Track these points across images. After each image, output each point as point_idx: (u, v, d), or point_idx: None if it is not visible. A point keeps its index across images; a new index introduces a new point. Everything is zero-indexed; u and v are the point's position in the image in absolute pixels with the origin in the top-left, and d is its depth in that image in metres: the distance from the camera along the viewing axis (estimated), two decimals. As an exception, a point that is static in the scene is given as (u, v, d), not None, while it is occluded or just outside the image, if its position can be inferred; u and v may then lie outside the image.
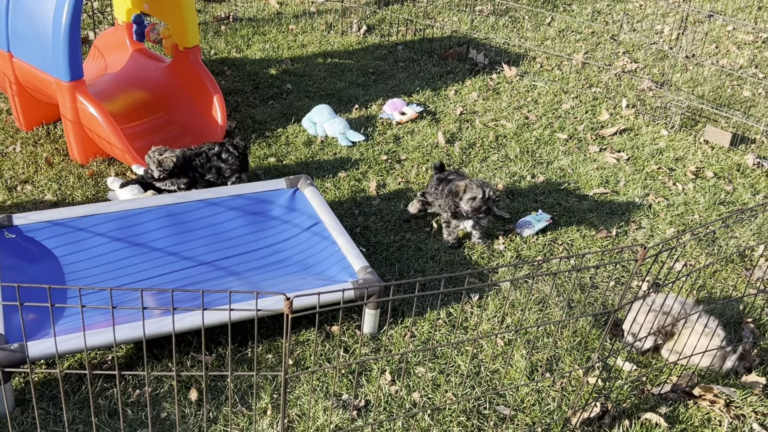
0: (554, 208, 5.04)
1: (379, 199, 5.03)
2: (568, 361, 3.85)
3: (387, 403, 3.54)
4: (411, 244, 4.62)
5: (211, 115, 5.48)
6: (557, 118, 6.19)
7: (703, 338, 3.66)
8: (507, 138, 5.85)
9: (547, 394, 3.64)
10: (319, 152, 5.52)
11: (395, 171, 5.35)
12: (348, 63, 6.95)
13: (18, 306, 3.45)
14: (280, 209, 4.50)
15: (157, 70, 5.78)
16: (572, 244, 4.72)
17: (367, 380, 3.65)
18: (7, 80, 5.26)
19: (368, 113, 6.09)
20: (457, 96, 6.46)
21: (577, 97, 6.55)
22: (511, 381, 3.71)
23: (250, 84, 6.44)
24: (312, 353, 3.75)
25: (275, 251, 4.22)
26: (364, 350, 3.81)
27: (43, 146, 5.30)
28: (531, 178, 5.35)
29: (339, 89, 6.46)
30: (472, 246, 4.64)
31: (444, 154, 5.56)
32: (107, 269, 4.00)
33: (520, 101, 6.43)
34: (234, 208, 4.45)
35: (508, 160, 5.56)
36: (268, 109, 6.07)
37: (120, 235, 4.17)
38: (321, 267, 4.06)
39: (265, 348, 3.79)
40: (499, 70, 6.92)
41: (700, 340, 3.65)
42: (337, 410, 3.45)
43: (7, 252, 3.91)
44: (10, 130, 5.46)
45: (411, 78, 6.72)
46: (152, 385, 3.52)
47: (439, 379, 3.68)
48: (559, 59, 7.23)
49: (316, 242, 4.24)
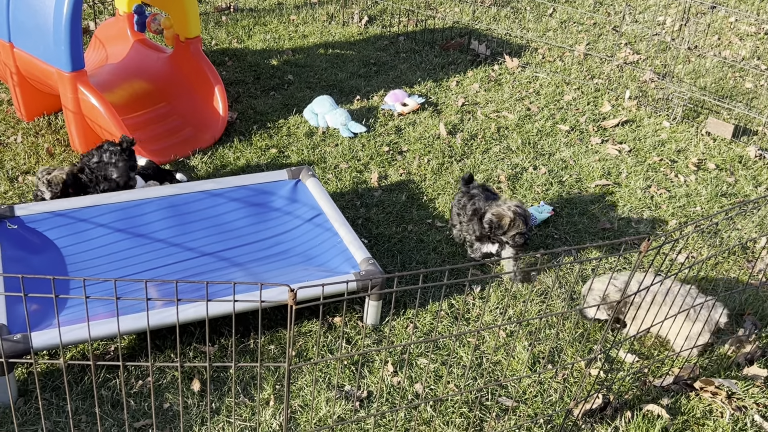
0: (556, 199, 5.03)
1: (380, 191, 5.03)
2: (570, 352, 3.85)
3: (389, 394, 3.54)
4: (413, 236, 4.61)
5: (213, 105, 5.47)
6: (559, 110, 6.18)
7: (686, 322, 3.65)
8: (509, 129, 5.84)
9: (549, 385, 3.65)
10: (321, 143, 5.51)
11: (397, 162, 5.34)
12: (349, 54, 6.93)
13: (20, 297, 3.46)
14: (282, 200, 4.49)
15: (158, 61, 5.77)
16: (574, 235, 4.71)
17: (370, 371, 3.65)
18: (8, 70, 5.25)
19: (370, 104, 6.08)
20: (459, 87, 6.44)
21: (579, 89, 6.53)
22: (513, 372, 3.71)
23: (252, 75, 6.43)
24: (314, 344, 3.75)
25: (277, 242, 4.22)
26: (367, 341, 3.81)
27: (44, 137, 5.28)
28: (533, 170, 5.35)
29: (340, 80, 6.44)
30: (474, 237, 4.63)
31: (446, 145, 5.55)
32: (109, 260, 4.00)
33: (521, 92, 6.42)
34: (236, 199, 4.45)
35: (510, 152, 5.55)
36: (270, 99, 6.06)
37: (122, 225, 4.17)
38: (323, 258, 4.06)
39: (268, 339, 3.80)
40: (501, 61, 6.90)
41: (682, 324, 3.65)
42: (340, 401, 3.46)
43: (8, 242, 3.90)
44: (11, 121, 5.45)
45: (412, 69, 6.71)
46: (155, 376, 3.52)
47: (442, 370, 3.68)
48: (561, 50, 7.21)
49: (319, 233, 4.24)
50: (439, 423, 3.39)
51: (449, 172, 5.25)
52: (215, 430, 3.29)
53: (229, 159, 5.22)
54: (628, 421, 3.42)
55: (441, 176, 5.20)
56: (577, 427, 3.41)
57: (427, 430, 3.36)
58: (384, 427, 3.36)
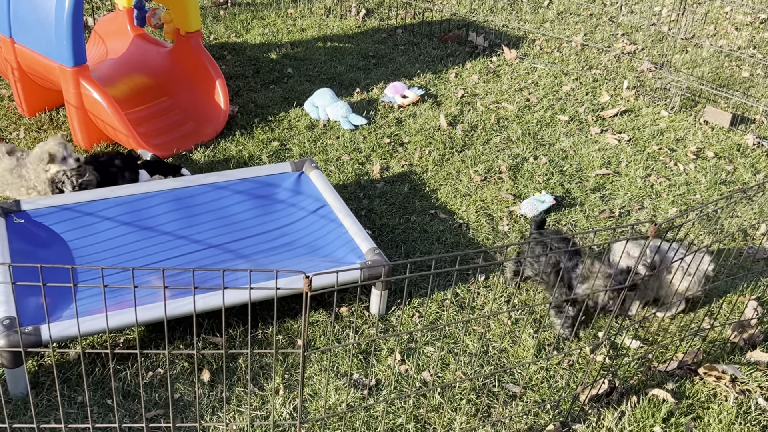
0: (557, 189, 5.07)
1: (383, 182, 5.05)
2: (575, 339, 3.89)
3: (398, 382, 3.58)
4: (416, 226, 4.65)
5: (214, 99, 5.48)
6: (558, 100, 6.21)
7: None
8: (509, 120, 5.87)
9: (555, 371, 3.69)
10: (322, 136, 5.53)
11: (398, 154, 5.37)
12: (348, 47, 6.95)
13: (28, 290, 3.48)
14: (286, 192, 4.51)
15: (158, 55, 5.78)
16: (576, 224, 4.75)
17: (378, 360, 3.69)
18: (9, 66, 5.25)
19: (370, 97, 6.11)
20: (458, 79, 6.47)
21: (577, 79, 6.57)
22: (519, 359, 3.75)
23: (251, 68, 6.44)
24: (322, 334, 3.78)
25: (283, 234, 4.24)
26: (373, 331, 3.84)
27: (47, 132, 5.29)
28: (533, 160, 5.38)
29: (340, 73, 6.46)
30: (477, 227, 4.67)
31: (447, 136, 5.58)
32: (116, 253, 4.01)
33: (520, 83, 6.45)
34: (240, 191, 4.47)
35: (510, 142, 5.58)
36: (270, 93, 6.07)
37: (128, 219, 4.19)
38: (329, 249, 4.09)
39: (275, 330, 3.82)
40: (499, 53, 6.93)
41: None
42: (349, 389, 3.49)
43: (16, 236, 3.92)
44: (13, 117, 5.46)
45: (411, 61, 6.73)
46: (164, 367, 3.55)
47: (448, 358, 3.72)
48: (558, 41, 7.24)
49: (323, 225, 4.26)
50: (448, 409, 3.43)
51: (450, 163, 5.28)
52: (227, 419, 3.32)
53: (232, 152, 5.24)
54: (634, 405, 3.46)
55: (443, 167, 5.23)
56: (584, 411, 3.45)
57: (436, 416, 3.40)
58: (393, 414, 3.39)
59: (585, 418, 3.43)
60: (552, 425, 3.36)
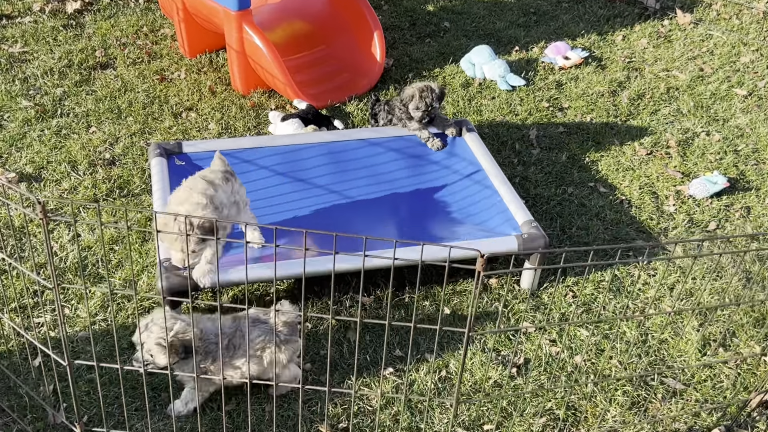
0: (730, 170, 4.67)
1: (539, 149, 4.82)
2: (744, 337, 3.58)
3: (547, 363, 3.41)
4: (574, 199, 4.40)
5: (371, 51, 5.38)
6: (735, 72, 5.71)
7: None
8: (679, 90, 5.45)
9: (720, 370, 3.41)
10: (477, 95, 5.33)
11: (557, 119, 5.10)
12: (508, 1, 6.65)
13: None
14: (439, 154, 4.37)
15: (318, 2, 5.71)
16: (750, 211, 4.37)
17: (527, 338, 3.53)
18: (174, 6, 5.34)
19: (529, 56, 5.82)
20: (625, 42, 6.06)
21: (757, 50, 6.01)
22: (681, 353, 3.49)
23: (407, 20, 6.28)
24: (469, 305, 3.66)
25: (434, 197, 4.11)
26: (523, 306, 3.68)
27: (206, 74, 5.37)
28: (705, 136, 4.97)
29: (498, 29, 6.20)
30: (640, 205, 4.37)
31: (610, 104, 5.25)
32: (269, 203, 4.01)
33: (694, 51, 5.97)
34: (394, 149, 4.36)
35: (681, 115, 5.19)
36: (425, 47, 5.91)
37: (282, 169, 4.18)
38: (482, 217, 3.93)
39: (423, 294, 3.73)
40: (672, 16, 6.43)
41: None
42: (497, 366, 3.36)
43: (176, 177, 3.98)
44: (175, 57, 5.56)
45: (575, 20, 6.37)
46: (312, 321, 3.53)
47: (603, 344, 3.51)
48: (738, 7, 6.64)
49: (477, 190, 4.10)
50: (601, 399, 3.24)
51: (614, 134, 4.97)
52: (372, 382, 3.27)
53: (385, 107, 5.13)
54: (811, 419, 3.16)
55: (605, 137, 4.93)
56: (751, 419, 3.17)
57: (587, 405, 3.22)
58: (542, 397, 3.24)
59: (753, 425, 3.16)
60: (717, 430, 3.11)
